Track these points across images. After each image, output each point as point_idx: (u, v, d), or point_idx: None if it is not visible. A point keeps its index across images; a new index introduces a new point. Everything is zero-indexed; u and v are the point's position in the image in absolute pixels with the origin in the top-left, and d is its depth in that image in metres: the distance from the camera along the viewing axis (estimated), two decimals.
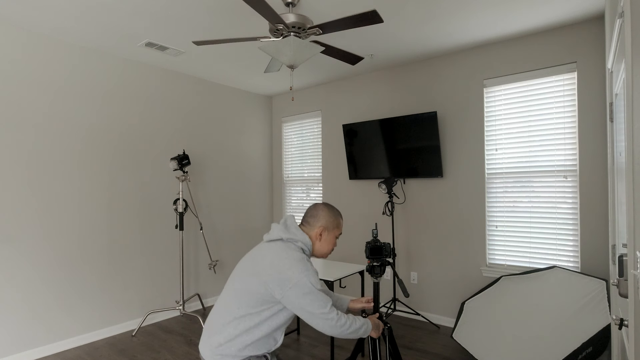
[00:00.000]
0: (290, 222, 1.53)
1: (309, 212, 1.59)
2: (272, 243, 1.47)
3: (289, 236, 1.47)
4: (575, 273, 2.65)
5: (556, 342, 2.36)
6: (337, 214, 1.61)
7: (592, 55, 2.79)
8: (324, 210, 1.57)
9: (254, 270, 1.40)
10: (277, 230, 1.50)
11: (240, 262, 1.52)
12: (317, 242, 1.56)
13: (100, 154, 3.28)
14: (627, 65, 1.18)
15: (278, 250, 1.42)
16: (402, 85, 3.80)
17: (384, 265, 1.69)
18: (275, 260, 1.38)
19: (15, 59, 2.80)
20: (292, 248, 1.44)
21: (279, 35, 2.27)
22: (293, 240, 1.48)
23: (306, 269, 1.36)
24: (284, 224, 1.52)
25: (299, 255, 1.40)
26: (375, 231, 1.76)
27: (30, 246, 2.86)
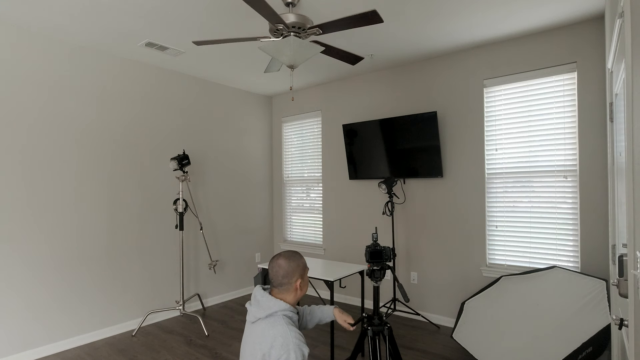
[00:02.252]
0: (260, 296, 1.49)
1: (278, 272, 1.51)
2: (255, 324, 1.45)
3: (266, 312, 1.43)
4: (575, 273, 2.65)
5: (556, 342, 2.36)
6: (299, 255, 1.57)
7: (592, 55, 2.78)
8: (291, 262, 1.52)
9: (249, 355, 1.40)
10: (252, 312, 1.47)
11: (241, 346, 1.51)
12: (298, 292, 1.53)
13: (100, 154, 3.28)
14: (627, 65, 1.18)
15: (260, 331, 1.41)
16: (402, 85, 3.80)
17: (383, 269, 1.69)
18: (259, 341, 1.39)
19: (14, 59, 2.80)
20: (273, 324, 1.41)
21: (279, 35, 2.27)
22: (271, 314, 1.44)
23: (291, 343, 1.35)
24: (256, 303, 1.48)
25: (281, 329, 1.38)
26: (375, 235, 1.76)
27: (30, 246, 2.86)
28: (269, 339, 1.37)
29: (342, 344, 3.11)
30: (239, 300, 4.36)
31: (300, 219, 4.74)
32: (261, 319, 1.44)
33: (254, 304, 1.48)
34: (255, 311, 1.46)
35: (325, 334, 3.31)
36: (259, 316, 1.43)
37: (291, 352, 1.33)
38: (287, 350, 1.33)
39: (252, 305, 1.49)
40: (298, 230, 4.77)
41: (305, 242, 4.68)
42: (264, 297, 1.47)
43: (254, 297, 1.50)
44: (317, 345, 3.08)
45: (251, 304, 1.49)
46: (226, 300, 4.34)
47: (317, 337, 3.23)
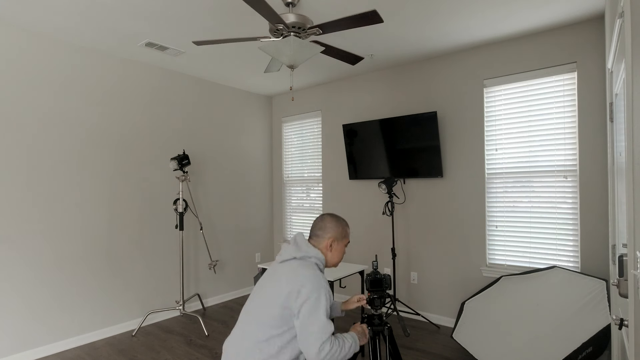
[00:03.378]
0: (300, 240, 1.54)
1: (317, 224, 1.60)
2: (286, 263, 1.48)
3: (302, 254, 1.48)
4: (575, 273, 2.65)
5: (556, 342, 2.36)
6: (345, 223, 1.63)
7: (592, 55, 2.78)
8: (332, 221, 1.59)
9: (271, 290, 1.40)
10: (289, 250, 1.51)
11: (255, 287, 1.53)
12: (328, 254, 1.57)
13: (100, 154, 3.28)
14: (627, 65, 1.18)
15: (293, 268, 1.43)
16: (402, 85, 3.80)
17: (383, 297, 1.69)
18: (291, 277, 1.39)
19: (14, 59, 2.80)
20: (307, 265, 1.44)
21: (279, 35, 2.27)
22: (306, 257, 1.49)
23: (323, 288, 1.38)
24: (295, 243, 1.53)
25: (314, 272, 1.41)
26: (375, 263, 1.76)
27: (30, 246, 2.86)
28: (301, 277, 1.38)
29: None
30: (239, 300, 4.36)
31: (300, 219, 4.74)
32: (296, 259, 1.48)
33: (292, 244, 1.53)
34: (292, 250, 1.50)
35: None
36: (294, 255, 1.48)
37: (322, 295, 1.36)
38: (318, 292, 1.36)
39: (290, 245, 1.53)
40: (298, 230, 4.76)
41: None
42: (304, 242, 1.53)
43: (294, 240, 1.55)
44: None
45: (283, 248, 1.54)
46: (226, 300, 4.34)
47: None
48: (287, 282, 1.38)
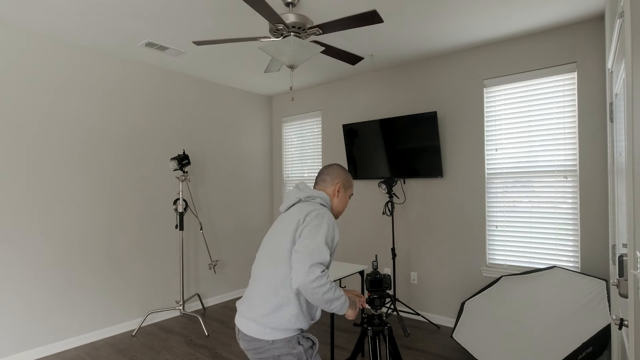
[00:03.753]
0: (303, 185, 1.53)
1: (325, 171, 1.58)
2: (295, 206, 1.46)
3: (306, 195, 1.47)
4: (575, 273, 2.65)
5: (556, 342, 2.36)
6: (350, 174, 1.63)
7: (592, 55, 2.78)
8: (340, 169, 1.58)
9: (281, 232, 1.38)
10: (292, 195, 1.49)
11: (262, 243, 1.50)
12: (335, 199, 1.55)
13: (100, 153, 3.28)
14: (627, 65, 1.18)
15: (302, 206, 1.41)
16: (402, 85, 3.80)
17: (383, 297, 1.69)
18: (298, 215, 1.38)
19: (14, 59, 2.80)
20: (313, 203, 1.43)
21: (279, 35, 2.27)
22: (311, 197, 1.47)
23: (327, 217, 1.35)
24: (297, 188, 1.51)
25: (321, 207, 1.41)
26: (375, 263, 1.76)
27: (30, 246, 2.86)
28: (306, 209, 1.38)
29: (342, 344, 3.11)
30: (239, 300, 4.35)
31: None
32: (301, 201, 1.47)
33: (293, 191, 1.51)
34: (295, 193, 1.48)
35: (325, 334, 3.31)
36: (299, 196, 1.46)
37: (324, 222, 1.33)
38: (321, 219, 1.34)
39: (292, 191, 1.52)
40: None
41: None
42: (307, 187, 1.53)
43: (296, 186, 1.53)
44: None
45: (286, 196, 1.53)
46: (226, 300, 4.34)
47: (316, 337, 3.23)
48: (297, 221, 1.36)
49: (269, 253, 1.39)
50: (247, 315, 1.35)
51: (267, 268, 1.36)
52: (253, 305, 1.35)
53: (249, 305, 1.37)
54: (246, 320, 1.36)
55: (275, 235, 1.41)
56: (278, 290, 1.31)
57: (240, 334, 1.39)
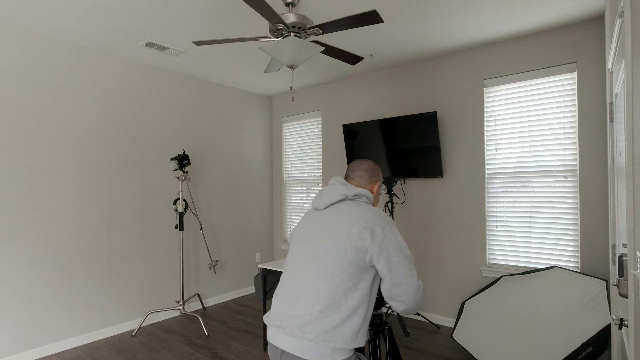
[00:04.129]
0: (344, 180, 1.37)
1: (361, 166, 1.42)
2: (339, 204, 1.29)
3: (354, 193, 1.30)
4: (575, 273, 2.65)
5: (556, 342, 2.36)
6: None
7: (592, 55, 2.78)
8: (375, 165, 1.45)
9: (338, 237, 1.20)
10: (337, 192, 1.32)
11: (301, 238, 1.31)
12: (373, 197, 1.42)
13: (100, 153, 3.28)
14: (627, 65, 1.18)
15: (353, 207, 1.26)
16: (402, 85, 3.80)
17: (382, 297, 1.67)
18: (356, 216, 1.22)
19: (14, 59, 2.80)
20: (363, 204, 1.28)
21: (279, 35, 2.27)
22: (358, 196, 1.31)
23: (392, 221, 1.23)
24: (340, 184, 1.34)
25: (374, 208, 1.26)
26: None
27: (30, 246, 2.86)
28: (367, 215, 1.21)
29: None
30: (239, 300, 4.36)
31: (300, 219, 4.74)
32: (348, 199, 1.30)
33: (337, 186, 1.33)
34: (341, 189, 1.31)
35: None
36: (345, 194, 1.30)
37: (395, 227, 1.22)
38: (391, 225, 1.22)
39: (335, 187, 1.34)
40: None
41: None
42: (348, 183, 1.36)
43: (336, 181, 1.36)
44: None
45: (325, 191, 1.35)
46: (226, 300, 4.34)
47: None
48: (351, 223, 1.20)
49: (320, 260, 1.21)
50: (298, 333, 1.16)
51: (322, 278, 1.18)
52: (307, 321, 1.16)
53: (300, 321, 1.17)
54: (297, 340, 1.16)
55: (323, 238, 1.23)
56: (340, 303, 1.15)
57: (285, 355, 1.19)
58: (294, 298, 1.22)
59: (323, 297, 1.16)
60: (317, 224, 1.29)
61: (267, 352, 2.94)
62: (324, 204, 1.33)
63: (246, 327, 3.48)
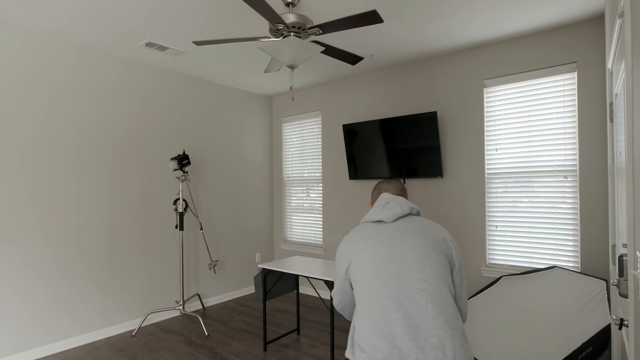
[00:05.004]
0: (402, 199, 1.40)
1: (400, 186, 1.51)
2: (408, 217, 1.35)
3: (417, 209, 1.40)
4: (575, 273, 2.65)
5: (556, 342, 2.36)
6: None
7: (592, 55, 2.78)
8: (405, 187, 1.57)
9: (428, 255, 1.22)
10: (405, 204, 1.37)
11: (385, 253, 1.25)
12: None
13: (100, 154, 3.28)
14: (627, 65, 1.18)
15: (422, 220, 1.34)
16: (402, 85, 3.80)
17: None
18: (431, 225, 1.32)
19: (14, 59, 2.80)
20: (425, 219, 1.37)
21: (279, 35, 2.27)
22: (418, 212, 1.40)
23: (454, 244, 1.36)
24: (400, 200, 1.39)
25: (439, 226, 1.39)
26: None
27: (30, 246, 2.86)
28: (436, 225, 1.33)
29: (342, 344, 3.11)
30: (239, 300, 4.35)
31: (300, 219, 4.74)
32: (412, 214, 1.38)
33: (402, 201, 1.38)
34: (407, 203, 1.37)
35: (325, 334, 3.31)
36: (413, 207, 1.38)
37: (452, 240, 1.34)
38: (455, 246, 1.32)
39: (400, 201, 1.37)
40: (298, 230, 4.76)
41: (305, 242, 4.67)
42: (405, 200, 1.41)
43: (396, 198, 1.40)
44: (317, 345, 3.08)
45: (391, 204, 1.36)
46: (226, 300, 4.34)
47: (317, 337, 3.23)
48: (435, 229, 1.30)
49: (424, 278, 1.18)
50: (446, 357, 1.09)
51: (436, 297, 1.15)
52: (446, 344, 1.09)
53: (435, 344, 1.09)
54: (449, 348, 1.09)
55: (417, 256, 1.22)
56: (457, 319, 1.16)
57: None
58: (416, 324, 1.12)
59: (446, 316, 1.14)
60: (403, 234, 1.28)
61: (267, 352, 2.95)
62: (393, 215, 1.32)
63: (246, 327, 3.48)
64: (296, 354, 2.91)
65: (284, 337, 3.26)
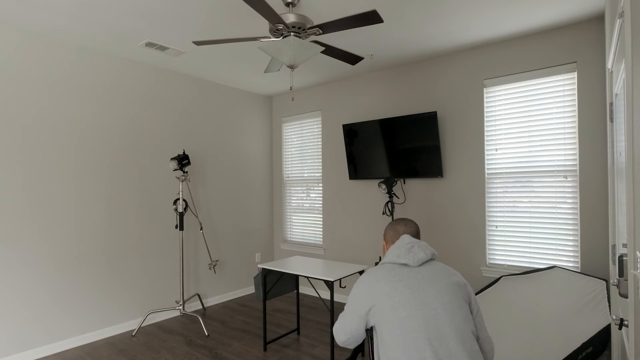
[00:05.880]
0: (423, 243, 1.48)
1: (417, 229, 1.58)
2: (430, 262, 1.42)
3: (436, 254, 1.48)
4: (575, 273, 2.65)
5: (556, 342, 2.36)
6: None
7: (592, 55, 2.78)
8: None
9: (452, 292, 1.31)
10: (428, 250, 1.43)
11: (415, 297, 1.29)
12: None
13: (100, 153, 3.28)
14: (627, 65, 1.18)
15: (442, 265, 1.44)
16: (402, 85, 3.80)
17: None
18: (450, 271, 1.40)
19: (14, 58, 2.80)
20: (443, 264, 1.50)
21: (279, 35, 2.27)
22: (436, 257, 1.52)
23: None
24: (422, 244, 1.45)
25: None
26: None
27: (29, 246, 2.86)
28: (458, 274, 1.41)
29: None
30: (239, 300, 4.35)
31: (300, 219, 4.74)
32: (432, 259, 1.45)
33: (425, 246, 1.43)
34: (430, 249, 1.44)
35: (325, 334, 3.31)
36: (434, 252, 1.45)
37: None
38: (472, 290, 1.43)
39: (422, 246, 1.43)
40: (298, 230, 4.77)
41: (305, 242, 4.68)
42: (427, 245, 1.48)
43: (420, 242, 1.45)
44: (317, 345, 3.08)
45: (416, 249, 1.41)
46: (226, 300, 4.34)
47: (317, 337, 3.23)
48: (455, 275, 1.39)
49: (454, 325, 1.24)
50: None
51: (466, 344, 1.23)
52: None
53: None
54: None
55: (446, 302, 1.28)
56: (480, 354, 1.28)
57: None
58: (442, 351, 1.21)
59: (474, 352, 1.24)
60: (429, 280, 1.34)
61: (267, 352, 2.95)
62: (418, 260, 1.38)
63: (246, 327, 3.48)
64: (296, 354, 2.91)
65: (284, 337, 3.26)
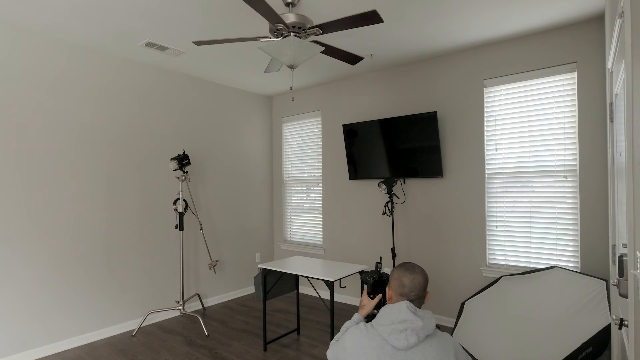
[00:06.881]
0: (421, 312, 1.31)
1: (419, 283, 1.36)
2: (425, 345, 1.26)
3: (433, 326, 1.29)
4: (575, 273, 2.65)
5: (556, 342, 2.36)
6: None
7: (592, 55, 2.79)
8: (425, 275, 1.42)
9: None
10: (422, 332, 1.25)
11: None
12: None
13: (100, 153, 3.28)
14: (627, 65, 1.18)
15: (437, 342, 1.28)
16: (402, 85, 3.80)
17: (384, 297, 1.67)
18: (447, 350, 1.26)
19: (14, 58, 2.80)
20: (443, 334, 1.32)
21: (279, 35, 2.27)
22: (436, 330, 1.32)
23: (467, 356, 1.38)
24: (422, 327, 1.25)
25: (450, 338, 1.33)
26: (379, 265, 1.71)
27: (29, 246, 2.86)
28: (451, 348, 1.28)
29: None
30: (239, 300, 4.35)
31: (300, 219, 4.74)
32: (430, 336, 1.27)
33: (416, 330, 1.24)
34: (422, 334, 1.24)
35: (325, 334, 3.31)
36: (427, 333, 1.25)
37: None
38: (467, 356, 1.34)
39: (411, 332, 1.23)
40: (298, 230, 4.77)
41: (305, 242, 4.68)
42: (424, 313, 1.31)
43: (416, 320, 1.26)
44: (317, 345, 3.08)
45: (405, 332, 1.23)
46: (226, 300, 4.34)
47: (317, 337, 3.24)
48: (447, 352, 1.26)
49: None
50: None
51: None
52: None
53: None
54: None
55: None
56: None
57: None
58: None
59: None
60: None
61: (267, 352, 2.95)
62: (408, 346, 1.22)
63: (246, 327, 3.48)
64: (296, 354, 2.91)
65: (284, 337, 3.26)
